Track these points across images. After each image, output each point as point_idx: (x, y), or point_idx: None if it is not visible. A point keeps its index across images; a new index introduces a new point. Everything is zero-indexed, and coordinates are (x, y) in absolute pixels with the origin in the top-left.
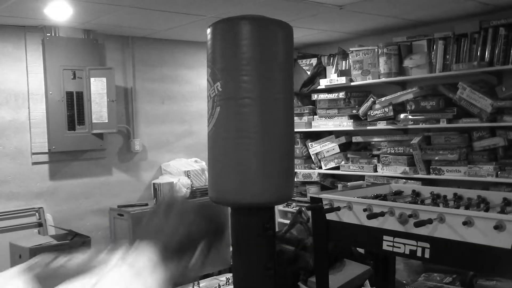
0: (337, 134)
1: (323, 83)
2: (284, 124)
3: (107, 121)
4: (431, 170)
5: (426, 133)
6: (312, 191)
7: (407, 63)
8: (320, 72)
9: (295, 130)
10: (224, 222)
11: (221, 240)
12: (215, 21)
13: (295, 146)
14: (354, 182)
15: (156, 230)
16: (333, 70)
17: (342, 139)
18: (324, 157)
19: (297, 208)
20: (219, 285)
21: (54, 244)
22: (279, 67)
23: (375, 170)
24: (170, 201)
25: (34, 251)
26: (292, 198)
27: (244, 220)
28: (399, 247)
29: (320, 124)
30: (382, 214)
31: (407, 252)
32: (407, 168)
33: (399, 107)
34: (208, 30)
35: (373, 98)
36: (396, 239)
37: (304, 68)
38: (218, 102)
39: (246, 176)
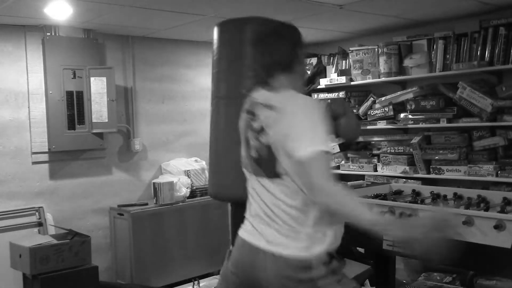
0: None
1: (323, 82)
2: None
3: (107, 120)
4: (431, 170)
5: (426, 132)
6: None
7: (407, 62)
8: (320, 71)
9: None
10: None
11: None
12: (220, 21)
13: None
14: (354, 182)
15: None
16: (333, 69)
17: (342, 139)
18: None
19: None
20: None
21: (54, 243)
22: None
23: (375, 170)
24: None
25: (34, 251)
26: None
27: (243, 216)
28: (399, 247)
29: None
30: (382, 213)
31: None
32: (407, 168)
33: (399, 107)
34: (214, 30)
35: (373, 98)
36: None
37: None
38: (221, 101)
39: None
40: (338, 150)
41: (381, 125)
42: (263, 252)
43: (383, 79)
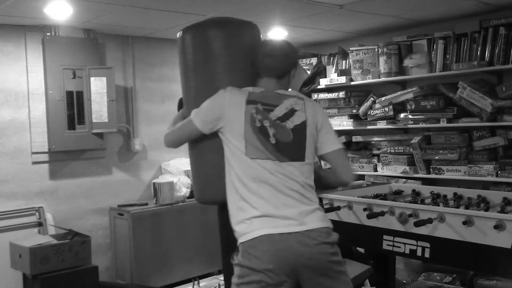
0: (337, 133)
1: (323, 82)
2: None
3: (107, 120)
4: (431, 170)
5: (426, 132)
6: None
7: (407, 62)
8: (320, 71)
9: None
10: None
11: None
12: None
13: None
14: (354, 182)
15: None
16: (333, 69)
17: (342, 139)
18: None
19: None
20: (219, 285)
21: (54, 243)
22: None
23: (375, 170)
24: None
25: (34, 251)
26: None
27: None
28: (399, 247)
29: None
30: (382, 213)
31: (407, 251)
32: (407, 168)
33: (399, 107)
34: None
35: (373, 98)
36: (396, 239)
37: (304, 67)
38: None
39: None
40: None
41: (381, 125)
42: (301, 234)
43: (383, 79)
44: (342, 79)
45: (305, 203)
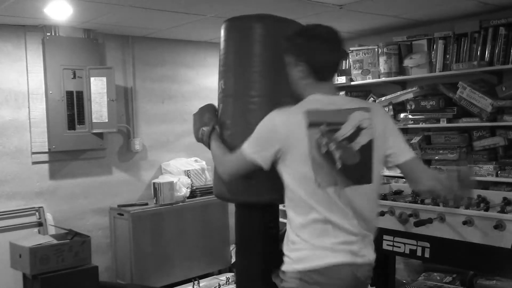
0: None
1: None
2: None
3: (107, 120)
4: None
5: (426, 132)
6: None
7: (407, 62)
8: None
9: None
10: None
11: None
12: (229, 18)
13: None
14: None
15: None
16: None
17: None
18: None
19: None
20: (219, 285)
21: (54, 243)
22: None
23: None
24: None
25: (34, 251)
26: None
27: (247, 218)
28: (399, 247)
29: None
30: (382, 213)
31: (407, 251)
32: None
33: (399, 107)
34: (222, 27)
35: (373, 98)
36: (396, 239)
37: None
38: (221, 99)
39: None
40: None
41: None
42: (361, 265)
43: (383, 79)
44: (342, 79)
45: (367, 232)
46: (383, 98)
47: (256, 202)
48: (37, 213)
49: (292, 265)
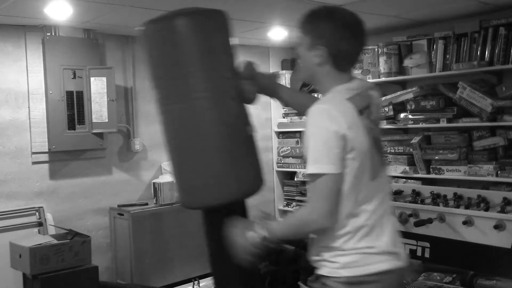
0: None
1: None
2: (232, 115)
3: (107, 120)
4: (431, 170)
5: (426, 132)
6: None
7: (407, 62)
8: None
9: (296, 129)
10: None
11: None
12: (144, 22)
13: (296, 146)
14: None
15: None
16: None
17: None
18: None
19: (297, 207)
20: None
21: (54, 243)
22: (219, 58)
23: None
24: None
25: (34, 251)
26: (292, 198)
27: (215, 221)
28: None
29: None
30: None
31: (407, 251)
32: (407, 168)
33: (399, 107)
34: (141, 35)
35: None
36: None
37: None
38: (160, 108)
39: (206, 176)
40: None
41: (381, 125)
42: (404, 269)
43: (383, 79)
44: None
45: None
46: (383, 98)
47: (219, 204)
48: (37, 213)
49: (338, 270)
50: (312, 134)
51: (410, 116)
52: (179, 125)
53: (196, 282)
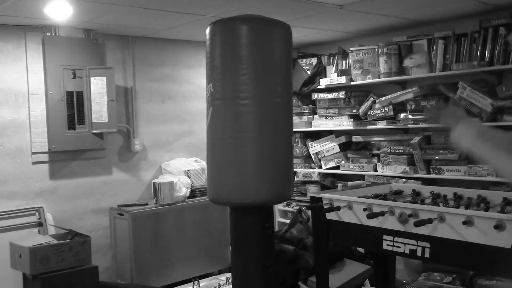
0: (337, 133)
1: (323, 82)
2: (282, 123)
3: (107, 120)
4: (431, 170)
5: (426, 132)
6: (312, 190)
7: (407, 62)
8: (320, 71)
9: (295, 129)
10: None
11: None
12: (214, 21)
13: (296, 146)
14: (354, 182)
15: None
16: (333, 69)
17: (342, 139)
18: (324, 156)
19: (297, 207)
20: (219, 285)
21: (54, 243)
22: (276, 67)
23: (375, 170)
24: None
25: (34, 251)
26: (292, 198)
27: (243, 219)
28: (399, 247)
29: (320, 124)
30: (382, 213)
31: (407, 251)
32: (407, 168)
33: (399, 107)
34: (207, 30)
35: (373, 98)
36: (396, 239)
37: (304, 67)
38: (211, 102)
39: (244, 176)
40: (338, 150)
41: (381, 125)
42: None
43: (383, 79)
44: (342, 79)
45: None
46: (383, 98)
47: (251, 204)
48: (37, 213)
49: None
50: None
51: (410, 116)
52: (224, 122)
53: (196, 282)
